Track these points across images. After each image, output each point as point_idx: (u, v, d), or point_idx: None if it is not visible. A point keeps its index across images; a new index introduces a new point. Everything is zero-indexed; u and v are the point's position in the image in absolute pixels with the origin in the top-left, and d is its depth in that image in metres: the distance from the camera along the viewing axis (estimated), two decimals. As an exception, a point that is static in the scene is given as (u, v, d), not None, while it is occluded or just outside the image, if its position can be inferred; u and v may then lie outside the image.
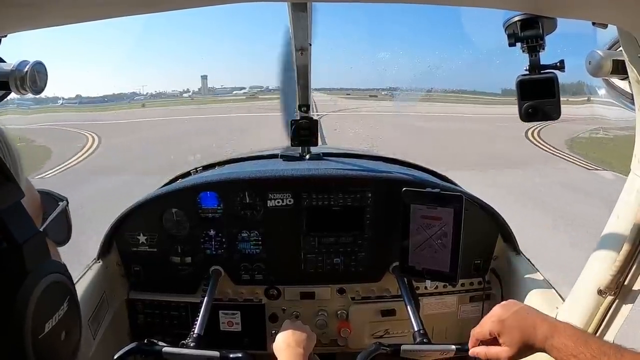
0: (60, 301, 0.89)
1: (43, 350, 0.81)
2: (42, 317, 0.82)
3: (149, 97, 49.20)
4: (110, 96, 49.30)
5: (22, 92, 1.06)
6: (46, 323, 0.83)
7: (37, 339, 0.80)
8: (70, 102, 45.00)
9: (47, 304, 0.84)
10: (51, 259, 0.91)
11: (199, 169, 2.92)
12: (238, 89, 60.50)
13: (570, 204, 9.04)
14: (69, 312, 0.91)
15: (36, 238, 0.86)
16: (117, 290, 2.38)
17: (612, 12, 1.08)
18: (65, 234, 1.13)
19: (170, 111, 34.76)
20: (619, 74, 1.31)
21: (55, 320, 0.85)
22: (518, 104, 1.36)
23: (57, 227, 1.08)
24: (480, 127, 22.64)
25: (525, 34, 1.29)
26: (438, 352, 1.75)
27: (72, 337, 0.94)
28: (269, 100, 37.85)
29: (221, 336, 2.41)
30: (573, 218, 7.96)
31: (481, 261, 2.41)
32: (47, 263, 0.88)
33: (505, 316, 1.28)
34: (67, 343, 0.92)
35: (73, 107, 40.97)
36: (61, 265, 0.92)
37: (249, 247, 2.36)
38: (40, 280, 0.83)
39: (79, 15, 1.03)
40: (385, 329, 2.43)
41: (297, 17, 1.86)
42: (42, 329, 0.82)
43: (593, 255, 1.58)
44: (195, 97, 51.15)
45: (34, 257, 0.83)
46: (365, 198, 2.29)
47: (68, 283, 0.92)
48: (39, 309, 0.80)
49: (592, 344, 1.11)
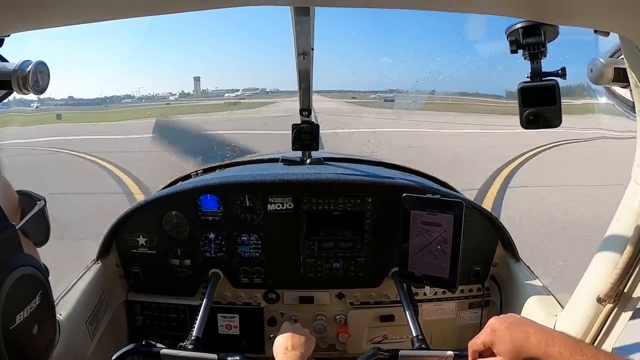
0: (32, 294, 0.90)
1: (13, 342, 0.82)
2: (13, 309, 0.83)
3: (137, 100, 47.90)
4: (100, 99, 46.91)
5: (24, 91, 1.07)
6: (17, 315, 0.84)
7: (8, 330, 0.81)
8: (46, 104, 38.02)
9: (18, 296, 0.85)
10: (24, 253, 0.92)
11: (200, 172, 2.92)
12: (231, 92, 59.46)
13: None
14: (42, 307, 0.92)
15: (8, 231, 0.87)
16: (116, 292, 2.38)
17: (614, 20, 1.08)
18: (43, 234, 1.14)
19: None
20: (621, 82, 1.31)
21: (26, 313, 0.87)
22: (519, 110, 1.37)
23: (35, 227, 1.09)
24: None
25: (527, 41, 1.30)
26: (436, 357, 1.75)
27: (45, 332, 0.95)
28: (260, 107, 33.23)
29: (219, 339, 2.41)
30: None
31: (481, 268, 2.40)
32: (19, 256, 0.89)
33: (498, 327, 1.28)
34: (40, 338, 0.93)
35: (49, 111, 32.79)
36: (35, 261, 0.93)
37: (248, 251, 2.35)
38: (11, 272, 0.84)
39: (81, 17, 1.04)
40: (384, 334, 2.43)
41: (299, 22, 1.86)
42: (12, 320, 0.83)
43: (593, 262, 1.57)
44: (177, 102, 47.13)
45: (5, 250, 0.84)
46: (365, 203, 2.29)
47: (42, 278, 0.93)
48: (9, 300, 0.82)
49: (587, 352, 1.10)
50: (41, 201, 1.12)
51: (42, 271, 0.94)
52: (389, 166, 3.01)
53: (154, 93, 57.17)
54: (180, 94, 55.78)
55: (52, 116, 28.94)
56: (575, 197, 8.81)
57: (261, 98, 48.83)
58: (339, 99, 40.52)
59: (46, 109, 33.14)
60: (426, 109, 25.99)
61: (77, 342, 1.93)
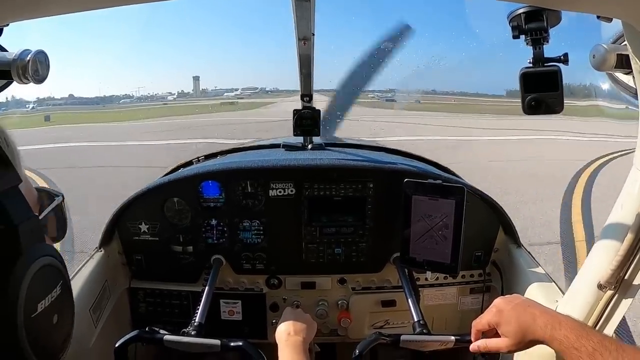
0: (53, 284, 0.91)
1: (34, 330, 0.84)
2: (35, 297, 0.85)
3: (135, 100, 47.40)
4: (99, 98, 45.85)
5: (23, 81, 1.06)
6: (39, 303, 0.86)
7: (29, 317, 0.82)
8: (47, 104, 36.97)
9: (40, 285, 0.86)
10: (46, 243, 0.93)
11: (201, 158, 2.92)
12: (230, 91, 58.87)
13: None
14: (62, 297, 0.93)
15: (32, 221, 0.88)
16: (118, 279, 2.40)
17: (617, 5, 1.07)
18: (61, 230, 1.15)
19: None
20: (623, 68, 1.30)
21: (47, 302, 0.88)
22: (521, 96, 1.37)
23: (53, 223, 1.10)
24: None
25: (529, 26, 1.29)
26: (438, 342, 1.76)
27: (64, 323, 0.96)
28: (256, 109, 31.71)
29: (222, 325, 2.43)
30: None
31: (482, 253, 2.41)
32: (42, 246, 0.91)
33: (504, 307, 1.29)
34: (60, 328, 0.94)
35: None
36: (56, 251, 0.94)
37: (250, 237, 2.37)
38: (35, 261, 0.85)
39: (80, 4, 1.03)
40: (386, 319, 2.45)
41: (300, 7, 1.84)
42: (34, 308, 0.84)
43: (594, 248, 1.57)
44: (174, 102, 46.30)
45: (29, 239, 0.85)
46: (366, 188, 2.30)
47: (62, 269, 0.94)
48: (32, 288, 0.83)
49: (593, 338, 1.11)
50: (59, 197, 1.12)
51: (63, 262, 0.95)
52: (390, 151, 3.00)
53: (154, 93, 56.87)
54: (179, 93, 55.46)
55: (39, 118, 27.52)
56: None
57: (260, 98, 48.29)
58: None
59: (44, 110, 32.48)
60: (429, 110, 25.25)
61: (81, 330, 1.95)
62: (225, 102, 42.85)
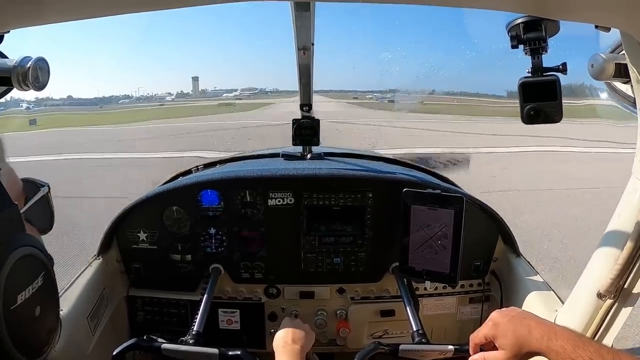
0: (34, 275, 0.89)
1: (15, 322, 0.82)
2: (14, 289, 0.83)
3: (134, 100, 47.46)
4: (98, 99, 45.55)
5: (24, 88, 1.07)
6: (19, 295, 0.84)
7: (9, 309, 0.81)
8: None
9: (20, 276, 0.85)
10: (26, 233, 0.91)
11: (200, 167, 2.92)
12: (229, 92, 58.99)
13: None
14: (44, 289, 0.91)
15: (10, 210, 0.86)
16: (116, 287, 2.39)
17: (615, 15, 1.08)
18: (48, 221, 1.14)
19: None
20: (621, 77, 1.31)
21: (28, 293, 0.86)
22: (520, 106, 1.37)
23: (39, 214, 1.08)
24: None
25: (528, 36, 1.29)
26: (436, 352, 1.75)
27: (47, 315, 0.94)
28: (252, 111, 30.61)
29: (220, 334, 2.42)
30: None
31: (481, 263, 2.40)
32: (21, 236, 0.89)
33: (500, 320, 1.28)
34: (42, 321, 0.92)
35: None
36: (38, 242, 0.92)
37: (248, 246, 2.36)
38: (14, 251, 0.83)
39: (81, 12, 1.04)
40: (385, 329, 2.43)
41: (300, 17, 1.86)
42: (14, 300, 0.83)
43: (593, 257, 1.57)
44: (171, 103, 46.27)
45: (8, 228, 0.84)
46: (365, 198, 2.29)
47: (44, 260, 0.93)
48: (10, 279, 0.81)
49: (589, 347, 1.11)
50: (45, 187, 1.11)
51: (46, 253, 0.94)
52: (389, 161, 3.01)
53: (153, 93, 57.01)
54: (177, 94, 55.60)
55: (24, 122, 25.50)
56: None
57: (259, 98, 48.31)
58: (339, 99, 38.95)
59: (42, 110, 31.86)
60: (430, 111, 24.58)
61: (79, 338, 1.94)
62: (223, 103, 42.64)
